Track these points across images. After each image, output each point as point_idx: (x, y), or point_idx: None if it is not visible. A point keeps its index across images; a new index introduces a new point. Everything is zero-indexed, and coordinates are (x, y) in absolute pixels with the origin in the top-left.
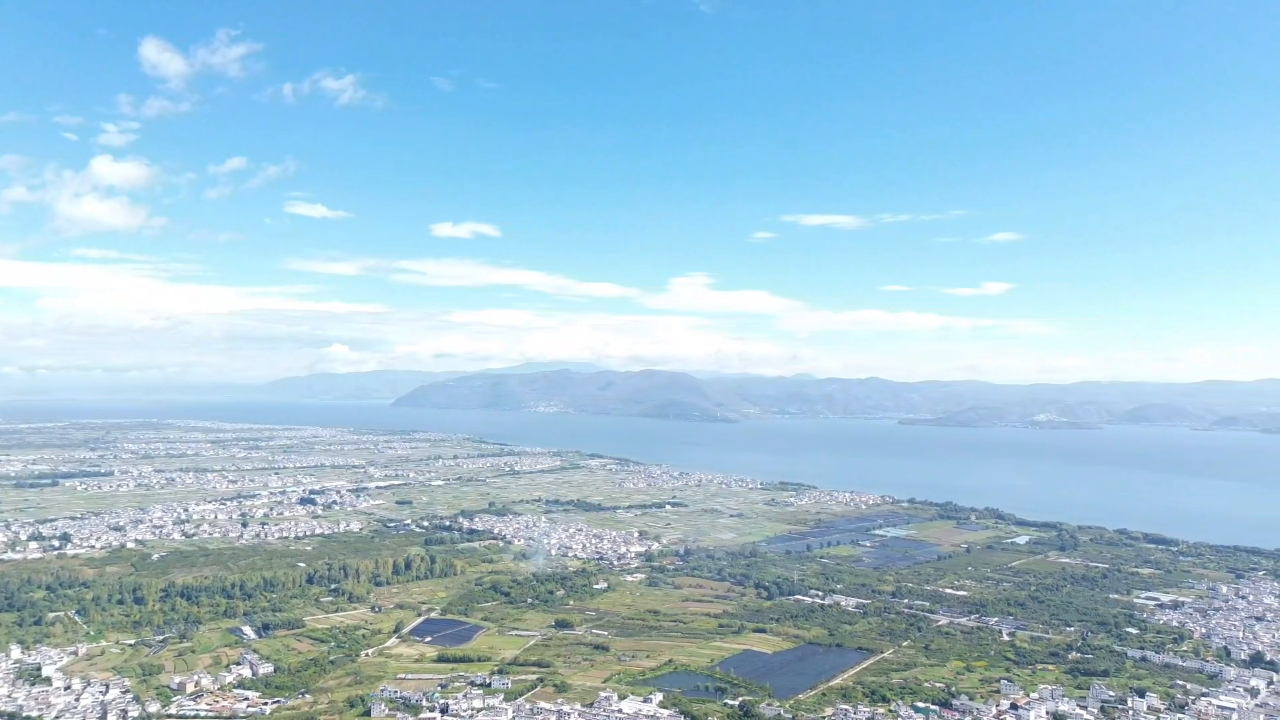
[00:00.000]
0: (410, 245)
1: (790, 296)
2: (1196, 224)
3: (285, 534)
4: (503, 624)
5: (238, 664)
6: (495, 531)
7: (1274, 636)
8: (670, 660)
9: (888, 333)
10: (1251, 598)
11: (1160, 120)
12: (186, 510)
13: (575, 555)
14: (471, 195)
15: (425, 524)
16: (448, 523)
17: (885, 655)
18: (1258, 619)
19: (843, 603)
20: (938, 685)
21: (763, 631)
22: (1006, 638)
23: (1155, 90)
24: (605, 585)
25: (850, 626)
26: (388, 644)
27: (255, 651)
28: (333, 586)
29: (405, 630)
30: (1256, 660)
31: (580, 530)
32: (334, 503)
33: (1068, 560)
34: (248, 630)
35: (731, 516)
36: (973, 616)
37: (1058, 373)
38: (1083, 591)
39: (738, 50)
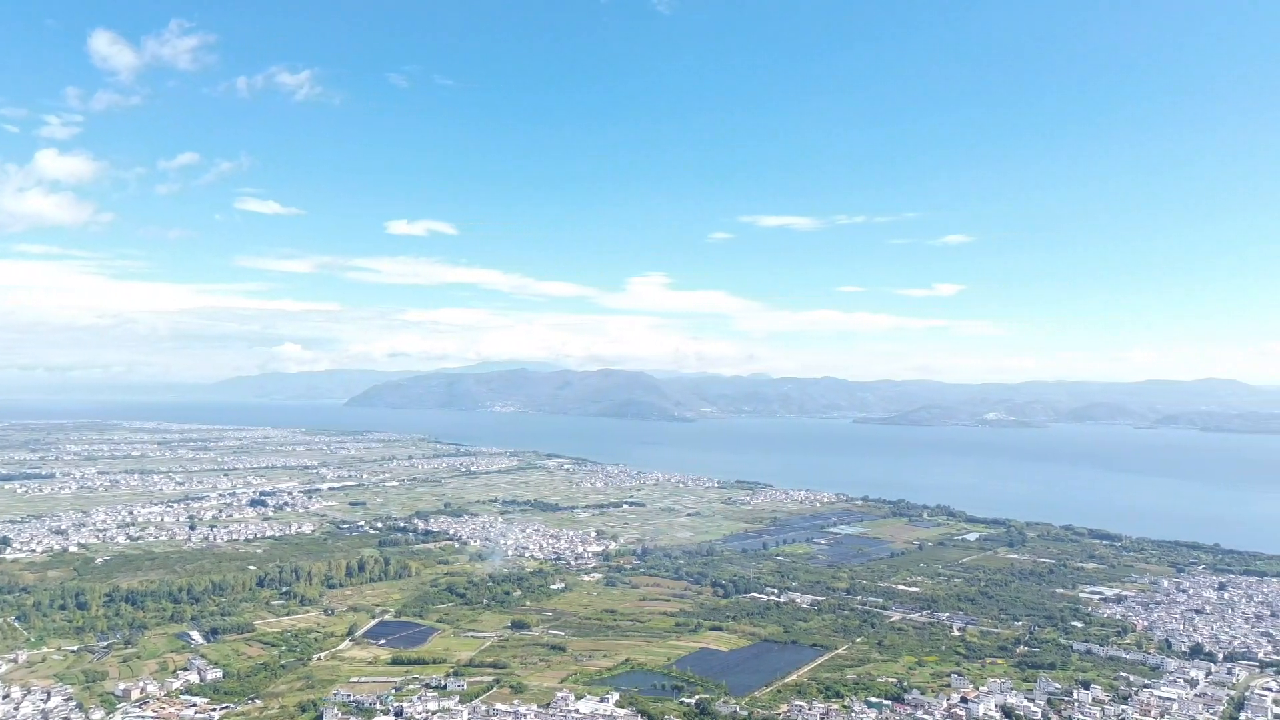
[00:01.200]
0: (364, 243)
1: (747, 297)
2: (1140, 227)
3: (235, 536)
4: (458, 625)
5: (185, 669)
6: (451, 533)
7: (1212, 629)
8: (627, 659)
9: (843, 333)
10: (1191, 591)
11: (1107, 124)
12: (132, 513)
13: (532, 556)
14: (427, 193)
15: (379, 525)
16: (402, 524)
17: (839, 651)
18: (1197, 612)
19: (798, 600)
20: (890, 680)
21: (719, 629)
22: (957, 633)
23: (1101, 95)
24: (562, 585)
25: (805, 623)
26: (340, 647)
27: (203, 657)
28: (284, 589)
29: (359, 633)
30: (1196, 652)
31: (537, 530)
32: (285, 504)
33: (1016, 556)
34: (196, 635)
35: (689, 515)
36: (924, 612)
37: (1007, 373)
38: (1030, 586)
39: (695, 51)
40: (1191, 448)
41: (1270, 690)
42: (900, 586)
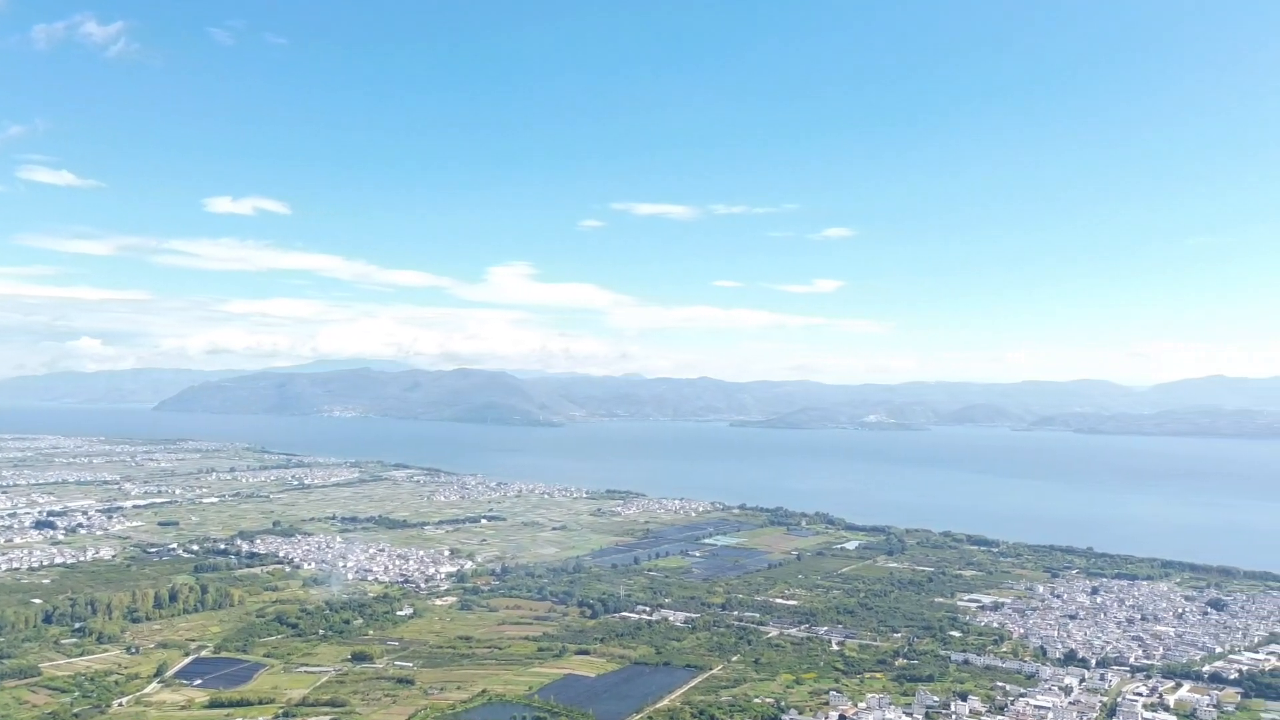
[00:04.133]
0: (179, 222)
1: (619, 290)
2: (1021, 225)
3: (15, 565)
4: (289, 660)
5: None
6: (281, 555)
7: (1086, 634)
8: (484, 691)
9: (720, 330)
10: (1066, 597)
11: (989, 120)
12: None
13: (376, 579)
14: (255, 166)
15: (195, 548)
16: (223, 546)
17: (715, 672)
18: (1071, 617)
19: (671, 618)
20: (767, 700)
21: (586, 653)
22: (836, 647)
23: (981, 88)
24: (411, 611)
25: (679, 643)
26: (147, 690)
27: None
28: (77, 626)
29: (169, 673)
30: (1070, 658)
31: (382, 550)
32: (79, 526)
33: (895, 565)
34: None
35: (554, 529)
36: (803, 626)
37: (887, 373)
38: (910, 596)
39: (566, 22)
40: (1066, 450)
41: (1141, 695)
42: (778, 600)
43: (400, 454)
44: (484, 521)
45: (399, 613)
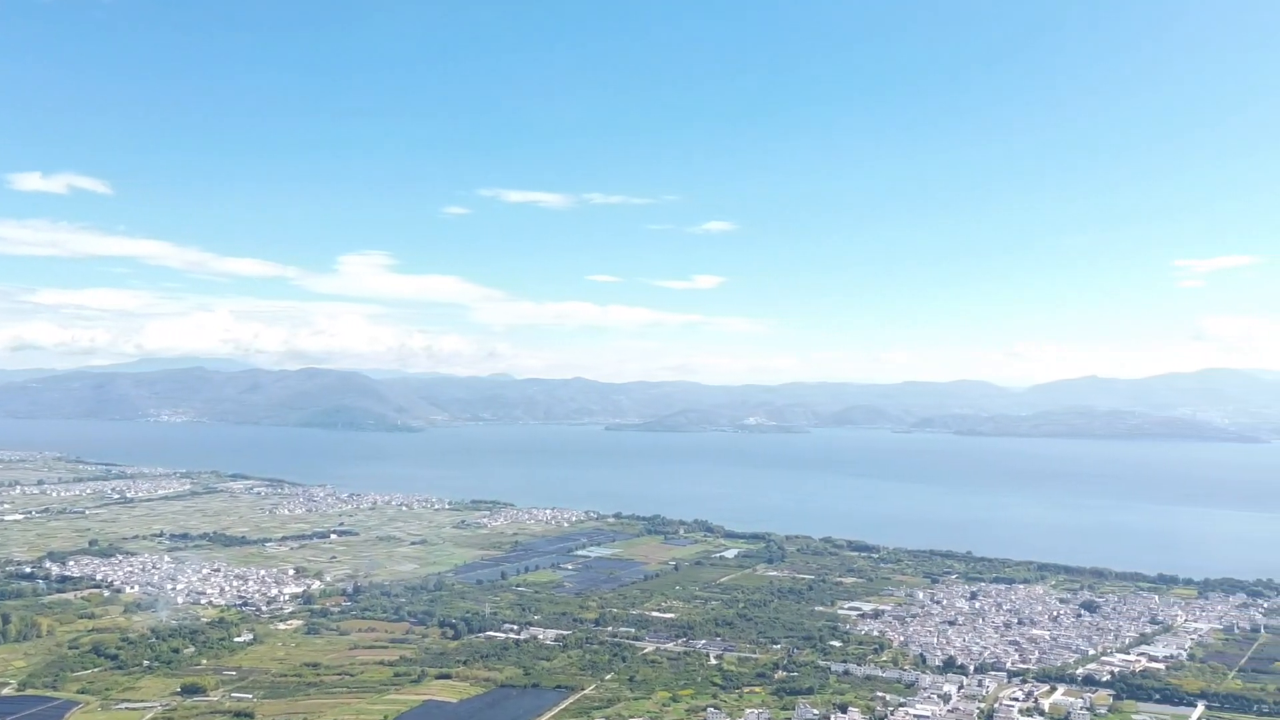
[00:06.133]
0: None
1: (487, 284)
2: (898, 223)
3: None
4: (108, 696)
5: None
6: (99, 578)
7: (964, 640)
8: None
9: (595, 327)
10: (945, 602)
11: (869, 116)
12: None
13: (211, 602)
14: (70, 138)
15: None
16: (29, 569)
17: (587, 692)
18: (950, 623)
19: (541, 636)
20: None
21: (448, 677)
22: (714, 661)
23: (864, 85)
24: (250, 637)
25: (549, 662)
26: None
27: None
28: None
29: None
30: (949, 665)
31: (218, 570)
32: None
33: (775, 573)
34: None
35: (413, 544)
36: (680, 640)
37: (768, 373)
38: (790, 605)
39: (432, 4)
40: (946, 452)
41: (1017, 700)
42: (654, 613)
43: (239, 463)
44: (334, 537)
45: (237, 639)
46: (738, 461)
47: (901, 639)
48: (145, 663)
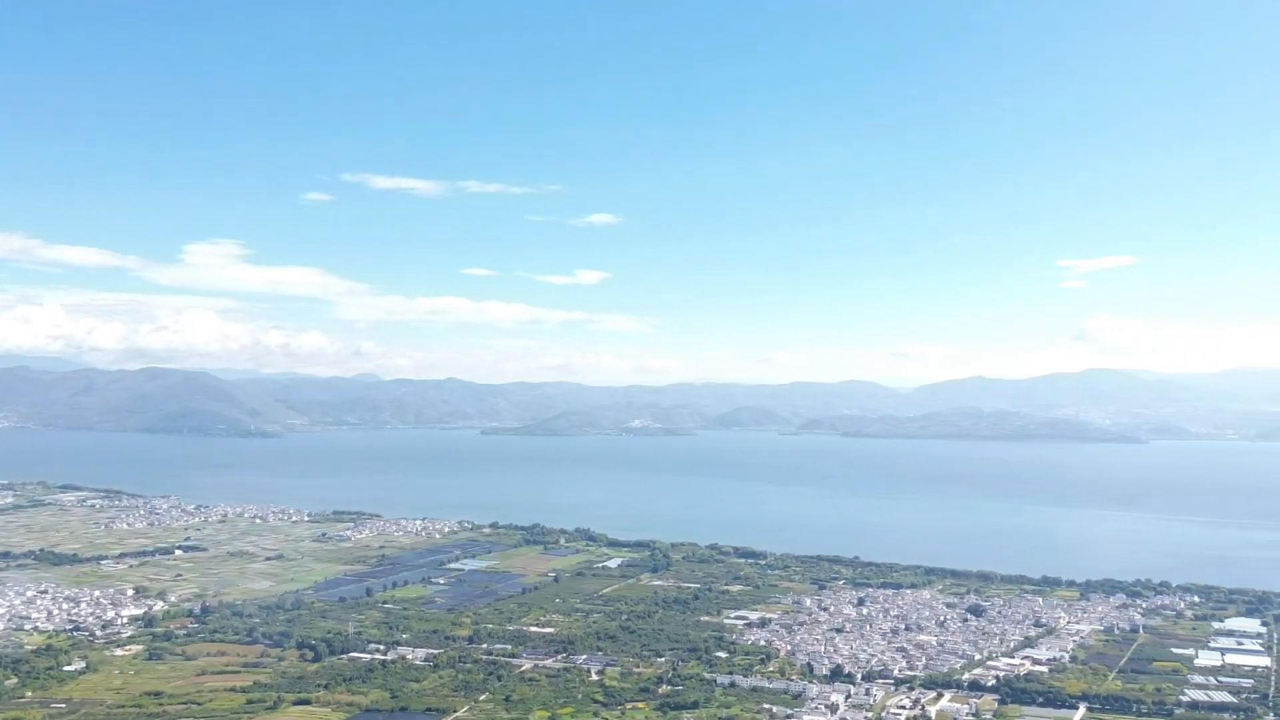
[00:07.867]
0: None
1: (351, 277)
2: (784, 222)
3: None
4: None
5: None
6: None
7: (852, 648)
8: None
9: (470, 325)
10: (833, 609)
11: (757, 113)
12: None
13: (37, 627)
14: None
15: None
16: None
17: (460, 714)
18: (838, 630)
19: (410, 655)
20: None
21: (307, 703)
22: (596, 677)
23: (754, 81)
24: (83, 665)
25: (418, 684)
26: None
27: None
28: None
29: None
30: (836, 674)
31: (44, 592)
32: None
33: (660, 583)
34: None
35: (268, 560)
36: (560, 656)
37: (653, 373)
38: (675, 616)
39: None
40: (833, 454)
41: (904, 708)
42: (533, 628)
43: (70, 473)
44: (179, 553)
45: (67, 667)
46: (622, 466)
47: (789, 648)
48: None
